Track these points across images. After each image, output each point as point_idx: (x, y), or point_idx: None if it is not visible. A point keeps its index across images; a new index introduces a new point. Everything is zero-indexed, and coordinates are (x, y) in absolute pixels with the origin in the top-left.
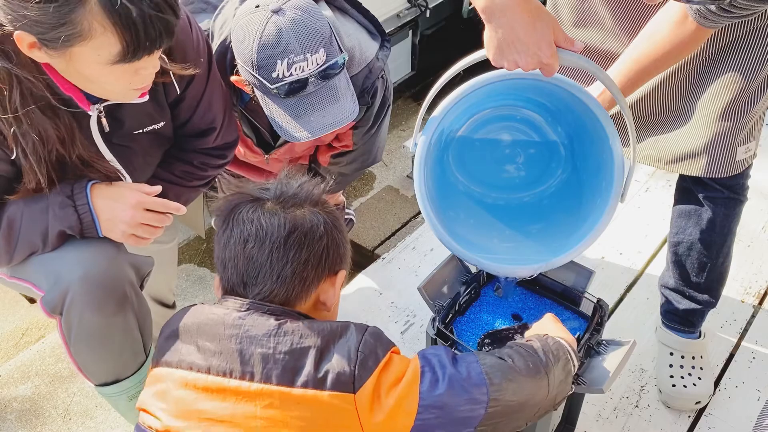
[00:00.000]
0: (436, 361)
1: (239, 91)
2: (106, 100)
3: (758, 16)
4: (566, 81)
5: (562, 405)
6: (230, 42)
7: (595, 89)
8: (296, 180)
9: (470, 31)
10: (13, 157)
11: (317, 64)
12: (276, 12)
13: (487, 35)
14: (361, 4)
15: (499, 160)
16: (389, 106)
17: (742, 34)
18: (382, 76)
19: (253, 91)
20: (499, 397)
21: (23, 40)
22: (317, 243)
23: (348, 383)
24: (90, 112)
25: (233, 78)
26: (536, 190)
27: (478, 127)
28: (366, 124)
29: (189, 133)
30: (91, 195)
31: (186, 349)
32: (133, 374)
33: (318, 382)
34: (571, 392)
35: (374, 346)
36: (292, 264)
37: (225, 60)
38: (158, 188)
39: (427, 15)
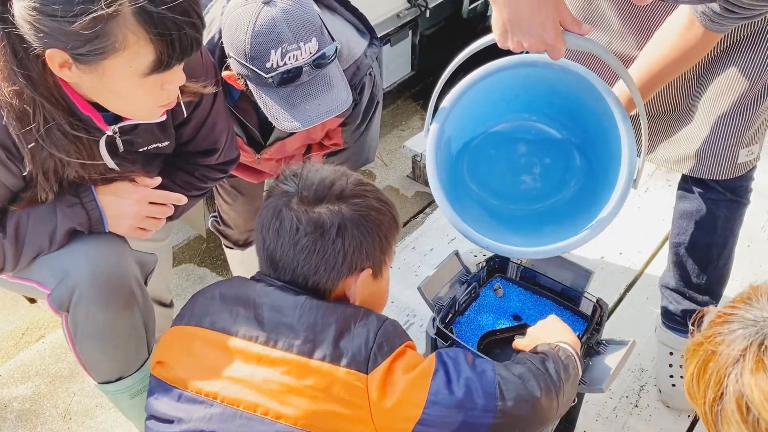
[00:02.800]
0: (451, 361)
1: (228, 89)
2: (122, 120)
3: (764, 18)
4: (575, 66)
5: None
6: (218, 40)
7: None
8: (320, 171)
9: (470, 31)
10: (24, 174)
11: (310, 53)
12: (267, 3)
13: (494, 16)
14: (348, 1)
15: (516, 171)
16: (378, 103)
17: (747, 36)
18: (369, 73)
19: (246, 85)
20: (507, 410)
21: (55, 59)
22: (330, 245)
23: (362, 363)
24: (108, 132)
25: (224, 73)
26: (552, 200)
27: (493, 140)
28: (354, 121)
29: (191, 150)
30: (95, 191)
31: (219, 313)
32: (135, 372)
33: (335, 358)
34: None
35: (392, 335)
36: (311, 257)
37: (213, 58)
38: (158, 180)
39: (427, 15)
